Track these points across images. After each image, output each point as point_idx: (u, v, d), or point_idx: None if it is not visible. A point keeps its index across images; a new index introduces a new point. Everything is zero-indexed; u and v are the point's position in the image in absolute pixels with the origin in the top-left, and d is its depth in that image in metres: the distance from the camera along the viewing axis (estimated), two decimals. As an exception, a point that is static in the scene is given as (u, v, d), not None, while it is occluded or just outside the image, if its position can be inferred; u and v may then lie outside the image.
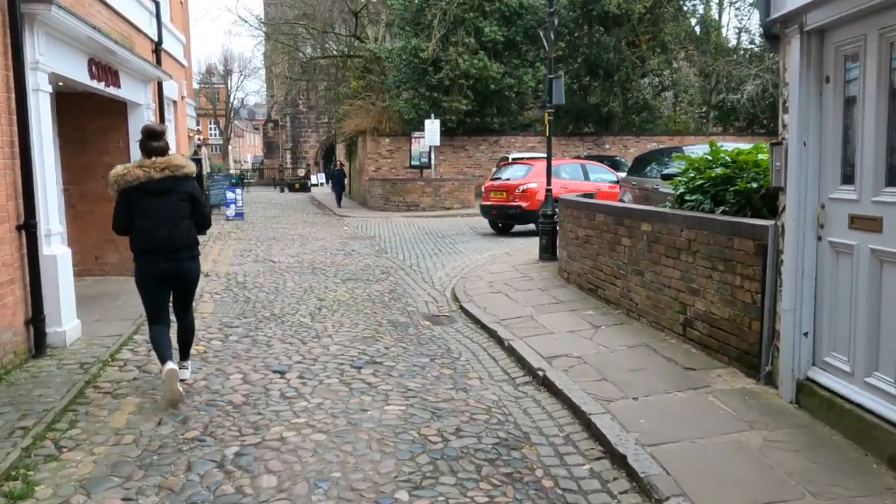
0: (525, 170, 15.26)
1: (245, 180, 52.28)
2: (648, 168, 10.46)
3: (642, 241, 6.29)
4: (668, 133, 26.68)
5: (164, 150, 4.78)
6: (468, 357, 5.95)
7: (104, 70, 7.27)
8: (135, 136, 9.03)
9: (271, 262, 11.31)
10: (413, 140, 22.21)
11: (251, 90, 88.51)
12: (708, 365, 5.00)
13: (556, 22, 10.29)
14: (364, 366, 5.56)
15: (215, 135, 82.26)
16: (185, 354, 5.19)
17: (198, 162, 14.98)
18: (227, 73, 74.86)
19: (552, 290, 8.08)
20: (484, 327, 6.85)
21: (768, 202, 5.05)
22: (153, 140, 4.77)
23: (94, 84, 7.07)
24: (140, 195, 4.63)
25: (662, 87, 24.71)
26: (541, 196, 12.02)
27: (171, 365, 4.60)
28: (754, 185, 5.12)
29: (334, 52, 30.88)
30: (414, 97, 22.36)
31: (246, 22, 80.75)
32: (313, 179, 43.06)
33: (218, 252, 12.40)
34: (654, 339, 5.76)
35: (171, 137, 11.07)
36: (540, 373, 5.17)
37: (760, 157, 5.34)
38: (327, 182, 40.38)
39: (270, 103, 57.67)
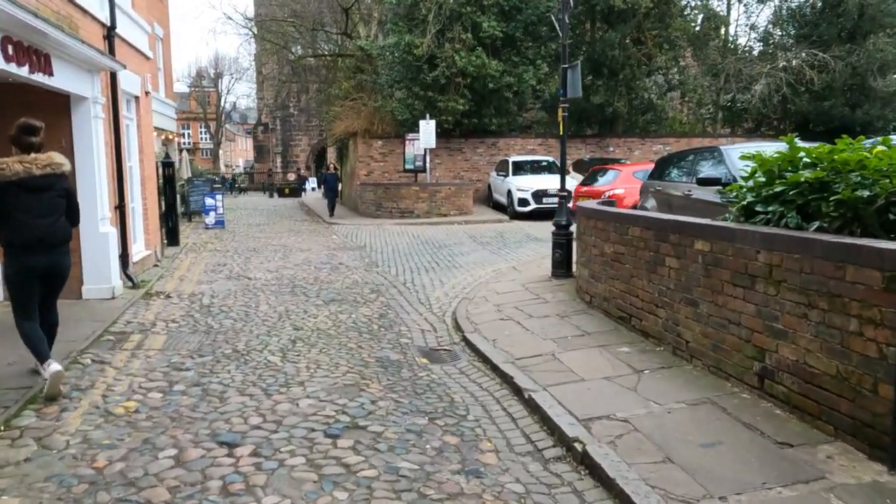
0: (613, 175, 14.96)
1: (237, 185, 51.13)
2: (675, 171, 9.17)
3: (696, 263, 4.98)
4: (674, 135, 25.44)
5: (40, 146, 4.75)
6: (478, 414, 4.63)
7: (26, 52, 5.92)
8: (81, 134, 7.69)
9: (246, 280, 9.96)
10: (407, 142, 20.89)
11: (242, 93, 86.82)
12: (808, 438, 3.68)
13: (571, 2, 8.96)
14: (342, 433, 4.22)
15: (206, 139, 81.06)
16: (49, 352, 4.99)
17: (168, 165, 13.67)
18: (218, 76, 73.68)
19: (573, 318, 6.76)
20: (495, 368, 5.52)
21: (885, 216, 3.75)
22: (29, 135, 4.72)
23: (13, 68, 5.72)
24: (18, 190, 4.63)
25: (669, 87, 23.51)
26: (628, 201, 11.84)
27: (55, 366, 4.70)
28: (864, 193, 3.81)
29: (324, 52, 29.55)
30: (407, 97, 21.04)
31: (231, 19, 79.09)
32: (307, 184, 41.69)
33: (187, 267, 11.04)
34: (718, 393, 4.45)
35: (131, 137, 9.70)
36: (577, 446, 3.85)
37: (866, 155, 4.03)
38: (319, 187, 39.03)
39: (260, 106, 56.29)
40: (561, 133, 9.26)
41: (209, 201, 17.32)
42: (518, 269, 9.93)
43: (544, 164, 20.62)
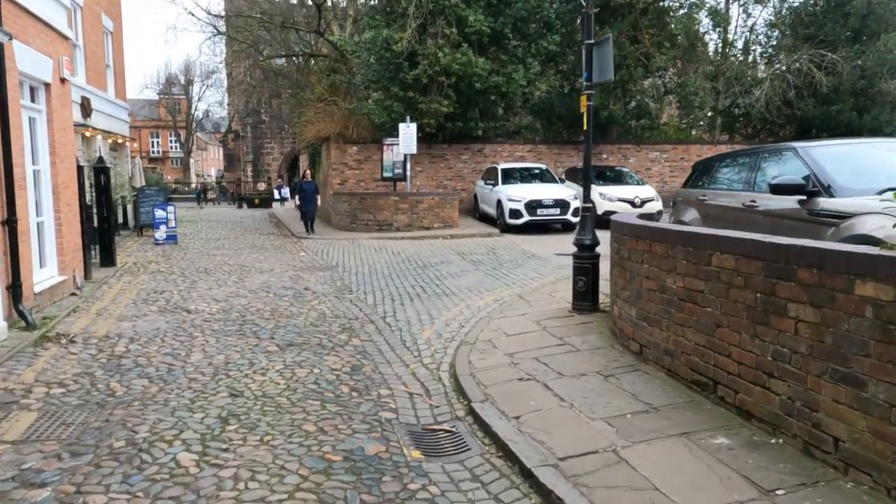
0: None
1: (206, 196, 48.62)
2: (727, 176, 7.34)
3: (858, 317, 3.09)
4: (670, 141, 23.86)
5: None
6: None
7: None
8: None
9: (184, 313, 7.90)
10: (385, 148, 18.93)
11: (214, 100, 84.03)
12: None
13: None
14: None
15: (176, 148, 78.35)
16: None
17: (102, 171, 11.54)
18: (188, 82, 71.16)
19: (623, 378, 4.84)
20: (528, 474, 3.58)
21: None
22: None
23: None
24: None
25: (666, 90, 21.92)
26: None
27: None
28: None
29: (295, 52, 27.53)
30: (385, 98, 19.10)
31: (193, 15, 76.02)
32: (277, 194, 39.44)
33: (114, 296, 8.92)
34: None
35: (39, 134, 7.62)
36: None
37: None
38: (292, 197, 36.81)
39: (231, 112, 53.95)
40: (585, 127, 7.38)
41: (159, 213, 15.16)
42: (525, 299, 8.00)
43: (536, 171, 18.81)
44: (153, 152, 79.91)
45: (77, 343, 6.42)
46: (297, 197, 17.77)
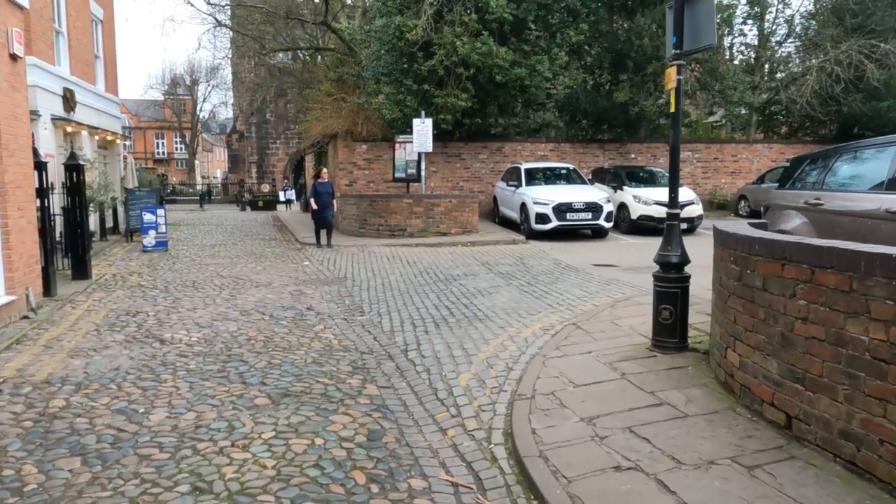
0: None
1: (209, 197, 47.23)
2: (845, 175, 5.72)
3: None
4: (702, 140, 22.20)
5: None
6: None
7: None
8: None
9: (157, 344, 6.33)
10: (397, 146, 17.37)
11: (220, 101, 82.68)
12: None
13: None
14: None
15: (181, 149, 77.17)
16: None
17: (74, 168, 9.99)
18: (194, 82, 69.91)
19: (779, 472, 3.22)
20: None
21: None
22: None
23: None
24: None
25: (701, 85, 20.24)
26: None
27: None
28: None
29: (301, 45, 26.00)
30: (398, 91, 17.53)
31: (192, 4, 73.84)
32: (282, 195, 37.91)
33: (76, 319, 7.35)
34: None
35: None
36: None
37: None
38: (298, 199, 35.27)
39: (235, 112, 52.55)
40: (672, 109, 5.74)
41: (148, 217, 13.61)
42: (583, 329, 6.37)
43: (563, 172, 17.19)
44: (158, 153, 78.79)
45: (2, 393, 4.85)
46: (311, 201, 14.71)
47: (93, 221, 15.56)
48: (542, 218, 14.83)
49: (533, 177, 16.48)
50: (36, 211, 8.19)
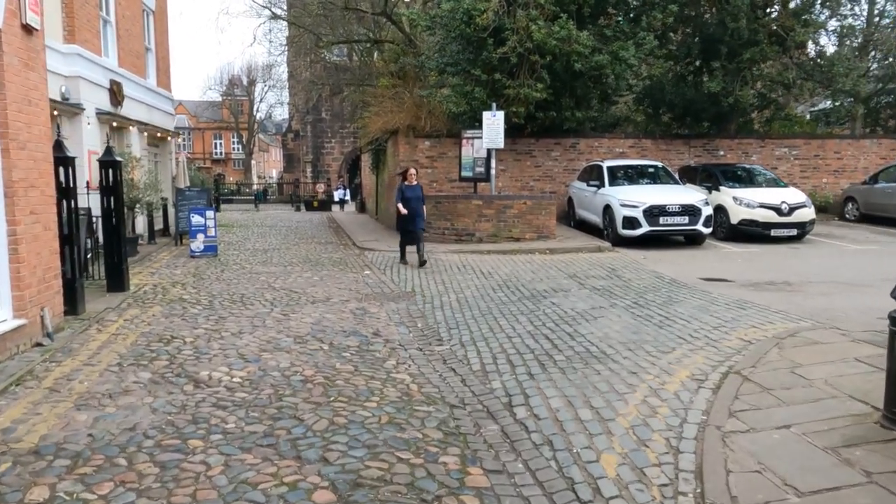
0: None
1: (265, 197, 46.85)
2: None
3: None
4: (801, 136, 19.87)
5: None
6: None
7: None
8: None
9: (190, 387, 4.96)
10: (464, 142, 15.85)
11: (275, 101, 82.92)
12: None
13: None
14: None
15: (238, 149, 77.85)
16: None
17: (111, 165, 8.81)
18: (251, 83, 70.20)
19: None
20: None
21: None
22: None
23: None
24: None
25: (804, 72, 18.00)
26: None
27: None
28: None
29: (358, 38, 24.76)
30: (465, 83, 16.00)
31: None
32: (336, 195, 36.93)
33: (99, 347, 6.06)
34: None
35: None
36: None
37: None
38: (353, 199, 34.15)
39: (291, 111, 52.09)
40: None
41: (196, 220, 12.46)
42: (754, 381, 4.67)
43: (651, 170, 15.35)
44: (216, 154, 79.74)
45: (-28, 472, 3.52)
46: (398, 206, 11.76)
47: (141, 223, 14.60)
48: (630, 222, 13.05)
49: (617, 176, 14.70)
50: (62, 213, 7.00)
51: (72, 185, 7.10)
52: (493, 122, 14.61)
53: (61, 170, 7.02)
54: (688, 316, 7.08)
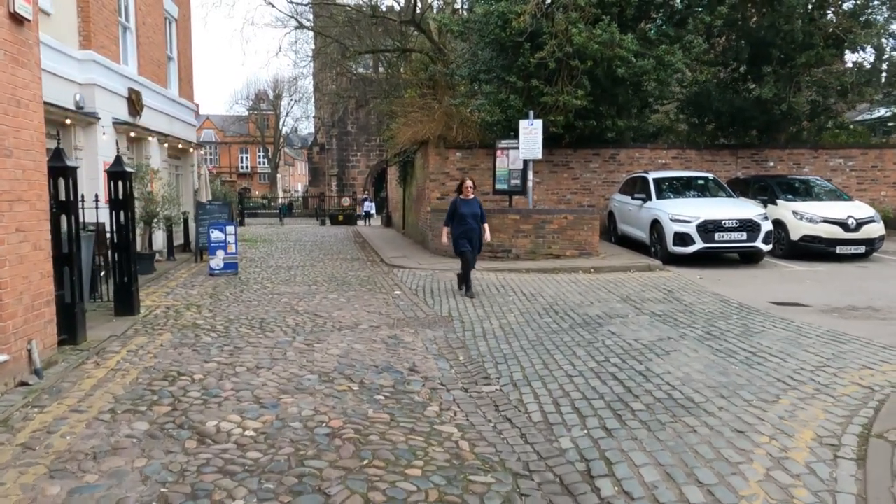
0: None
1: (292, 210, 46.51)
2: None
3: None
4: (858, 146, 18.59)
5: None
6: None
7: None
8: None
9: (193, 443, 4.07)
10: (499, 153, 14.95)
11: (301, 115, 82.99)
12: None
13: None
14: None
15: (264, 163, 78.10)
16: None
17: (120, 176, 8.04)
18: (277, 97, 70.34)
19: None
20: None
21: None
22: None
23: None
24: None
25: (863, 77, 16.79)
26: None
27: None
28: None
29: (386, 47, 24.09)
30: (499, 90, 15.14)
31: (272, 5, 72.73)
32: (361, 209, 36.28)
33: (92, 387, 5.21)
34: None
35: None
36: None
37: None
38: (379, 213, 33.39)
39: (317, 125, 51.79)
40: None
41: (216, 235, 11.70)
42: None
43: (700, 182, 14.29)
44: (242, 168, 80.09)
45: None
46: (444, 231, 10.26)
47: (160, 238, 13.91)
48: (682, 239, 12.00)
49: (664, 188, 13.66)
50: (64, 229, 6.23)
51: (72, 197, 6.31)
52: (531, 132, 13.70)
53: (61, 181, 6.25)
54: (777, 351, 6.04)
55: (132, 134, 12.83)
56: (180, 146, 16.03)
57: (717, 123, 17.71)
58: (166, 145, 14.88)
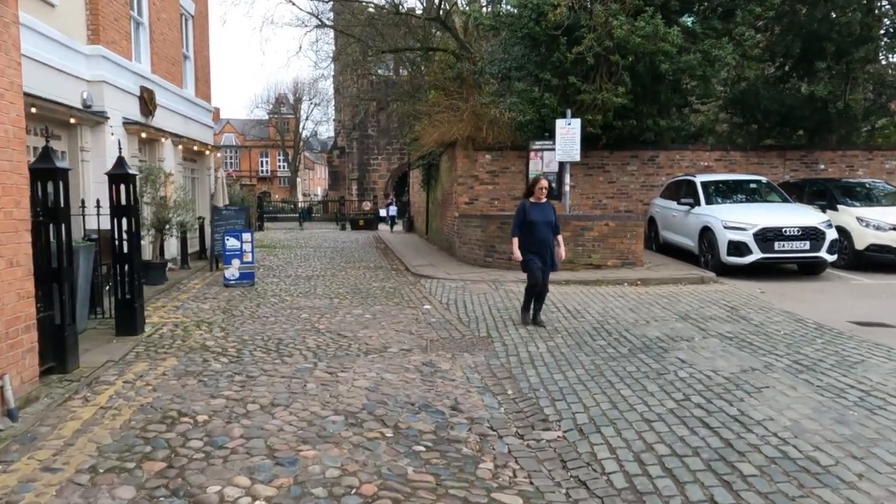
0: None
1: (312, 214, 45.87)
2: None
3: None
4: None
5: None
6: None
7: None
8: None
9: (187, 518, 3.18)
10: (532, 155, 14.01)
11: (321, 118, 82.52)
12: None
13: None
14: None
15: (284, 167, 77.85)
16: None
17: (123, 178, 7.21)
18: (297, 100, 69.95)
19: None
20: None
21: None
22: None
23: None
24: None
25: (924, 72, 15.68)
26: None
27: None
28: None
29: (408, 45, 23.23)
30: (532, 88, 14.21)
31: (293, 3, 71.64)
32: (384, 212, 35.39)
33: (73, 433, 4.34)
34: None
35: None
36: None
37: None
38: (401, 217, 32.50)
39: (337, 128, 51.15)
40: None
41: (231, 243, 10.88)
42: None
43: (752, 185, 13.20)
44: (262, 172, 79.90)
45: None
46: (513, 243, 7.83)
47: (174, 246, 13.15)
48: (737, 248, 10.95)
49: (713, 193, 12.61)
50: (54, 241, 5.41)
51: (62, 204, 5.48)
52: (568, 132, 12.75)
53: (50, 185, 5.42)
54: (894, 390, 5.02)
55: (144, 135, 12.08)
56: (196, 148, 15.29)
57: (764, 123, 16.61)
58: (181, 147, 14.13)
